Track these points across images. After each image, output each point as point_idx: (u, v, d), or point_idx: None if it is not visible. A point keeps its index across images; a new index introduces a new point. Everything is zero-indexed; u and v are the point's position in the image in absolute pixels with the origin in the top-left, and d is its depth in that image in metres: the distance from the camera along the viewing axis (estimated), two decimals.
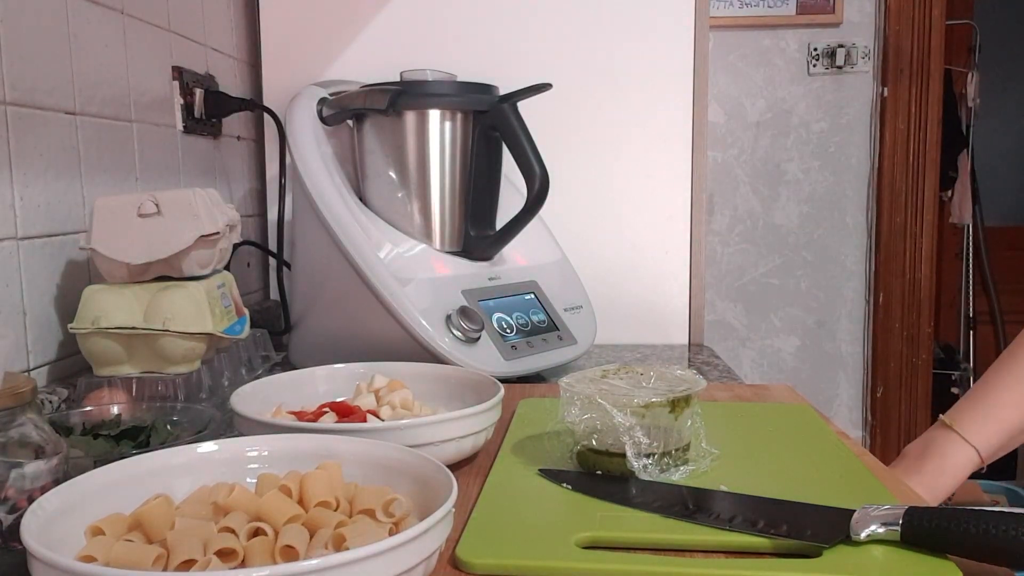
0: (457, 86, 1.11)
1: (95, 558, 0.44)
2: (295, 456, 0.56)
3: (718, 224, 2.59)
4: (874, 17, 2.51)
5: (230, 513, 0.47)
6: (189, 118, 1.19)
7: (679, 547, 0.54)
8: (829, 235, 2.58)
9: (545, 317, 1.12)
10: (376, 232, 1.06)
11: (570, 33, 1.34)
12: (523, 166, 1.07)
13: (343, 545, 0.44)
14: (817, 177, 2.57)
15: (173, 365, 0.87)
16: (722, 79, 2.52)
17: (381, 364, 0.83)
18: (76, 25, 0.93)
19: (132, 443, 0.70)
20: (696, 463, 0.67)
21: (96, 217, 0.85)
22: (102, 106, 0.98)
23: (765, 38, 2.51)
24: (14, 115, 0.82)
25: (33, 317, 0.85)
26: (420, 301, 1.00)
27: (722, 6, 2.47)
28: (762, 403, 0.88)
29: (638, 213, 1.36)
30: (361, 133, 1.12)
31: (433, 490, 0.50)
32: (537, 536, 0.55)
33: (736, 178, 2.57)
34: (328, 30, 1.36)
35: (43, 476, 0.52)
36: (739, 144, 2.56)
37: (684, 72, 1.34)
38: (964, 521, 0.50)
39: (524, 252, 1.19)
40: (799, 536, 0.53)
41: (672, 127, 1.35)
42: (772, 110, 2.54)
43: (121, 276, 0.87)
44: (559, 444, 0.70)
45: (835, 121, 2.55)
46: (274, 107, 1.27)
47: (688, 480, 0.65)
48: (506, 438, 0.77)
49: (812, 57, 2.51)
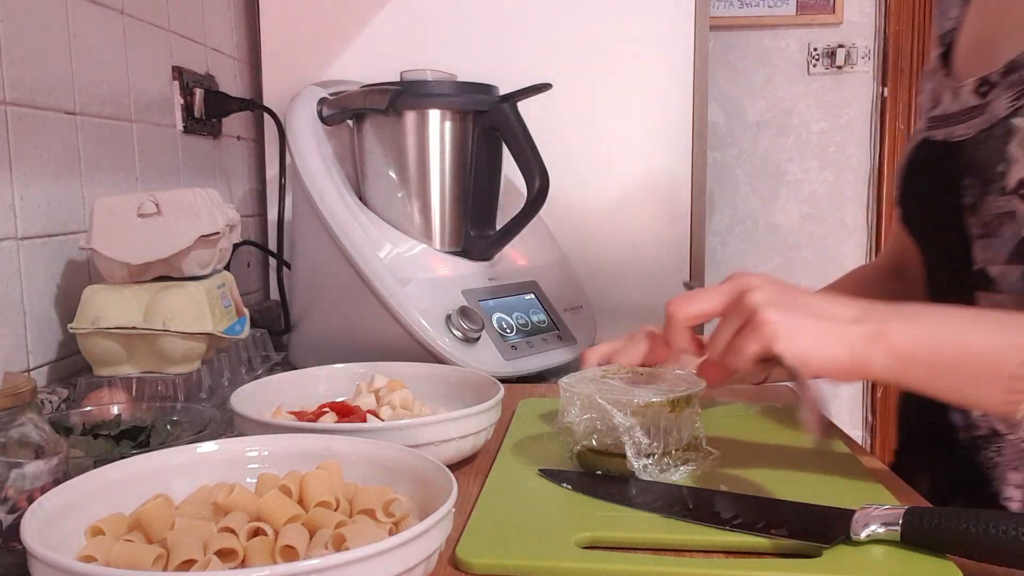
0: (457, 86, 1.11)
1: (95, 558, 0.44)
2: (295, 456, 0.56)
3: (718, 224, 2.59)
4: (874, 17, 2.51)
5: (230, 513, 0.47)
6: (189, 118, 1.19)
7: (679, 547, 0.54)
8: (829, 235, 2.58)
9: (545, 317, 1.12)
10: (376, 232, 1.06)
11: (570, 33, 1.34)
12: (523, 166, 1.07)
13: (343, 545, 0.44)
14: (817, 177, 2.57)
15: (173, 365, 0.87)
16: (722, 79, 2.52)
17: (381, 364, 0.83)
18: (76, 25, 0.93)
19: (132, 443, 0.70)
20: (696, 463, 0.67)
21: (96, 217, 0.85)
22: (102, 106, 0.98)
23: (765, 38, 2.52)
24: (14, 115, 0.82)
25: (33, 317, 0.85)
26: (420, 301, 1.00)
27: (722, 6, 2.47)
28: (762, 403, 0.88)
29: (638, 213, 1.36)
30: (361, 133, 1.12)
31: (433, 490, 0.50)
32: (537, 536, 0.55)
33: (736, 178, 2.58)
34: (328, 30, 1.36)
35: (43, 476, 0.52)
36: (739, 144, 2.56)
37: (684, 72, 1.34)
38: (964, 521, 0.49)
39: (524, 252, 1.19)
40: (799, 536, 0.53)
41: (672, 127, 1.35)
42: (772, 110, 2.54)
43: (121, 276, 0.87)
44: (559, 444, 0.70)
45: (835, 121, 2.55)
46: (274, 107, 1.27)
47: (688, 480, 0.65)
48: (506, 438, 0.77)
49: (812, 57, 2.51)
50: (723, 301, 0.59)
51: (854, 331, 0.56)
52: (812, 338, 0.55)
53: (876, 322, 0.56)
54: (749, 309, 0.57)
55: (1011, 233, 0.66)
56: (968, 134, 0.69)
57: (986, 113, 0.67)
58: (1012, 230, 0.66)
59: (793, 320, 0.56)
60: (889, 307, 0.58)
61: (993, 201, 0.66)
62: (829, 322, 0.56)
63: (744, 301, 0.57)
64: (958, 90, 0.72)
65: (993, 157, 0.66)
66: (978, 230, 0.69)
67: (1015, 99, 0.64)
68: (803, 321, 0.56)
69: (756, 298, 0.56)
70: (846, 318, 0.57)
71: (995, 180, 0.66)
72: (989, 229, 0.68)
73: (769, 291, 0.57)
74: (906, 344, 0.56)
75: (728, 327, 0.58)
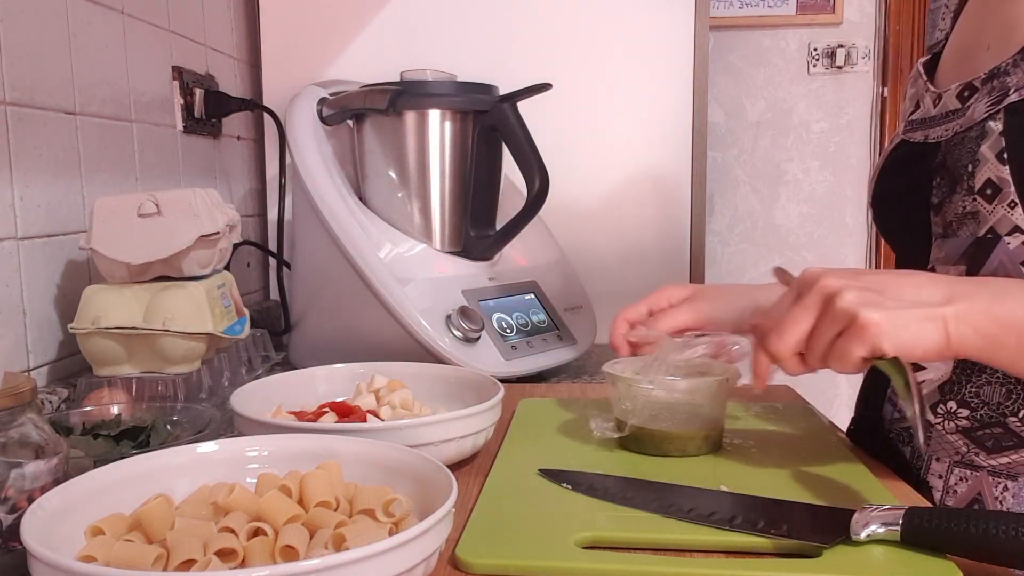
0: (457, 86, 1.11)
1: (95, 558, 0.44)
2: (295, 456, 0.56)
3: (718, 224, 2.59)
4: (874, 17, 2.51)
5: (230, 513, 0.47)
6: (189, 118, 1.19)
7: (679, 547, 0.54)
8: (829, 235, 2.58)
9: (545, 317, 1.12)
10: (376, 232, 1.06)
11: (570, 33, 1.34)
12: (523, 166, 1.07)
13: (343, 545, 0.44)
14: (817, 177, 2.57)
15: (173, 365, 0.87)
16: (722, 79, 2.52)
17: (381, 364, 0.83)
18: (76, 25, 0.93)
19: (132, 443, 0.70)
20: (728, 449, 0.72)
21: (96, 217, 0.85)
22: (102, 106, 0.98)
23: (765, 38, 2.52)
24: (14, 115, 0.82)
25: (33, 317, 0.85)
26: (420, 301, 1.00)
27: (722, 6, 2.47)
28: (762, 403, 0.88)
29: (638, 213, 1.36)
30: (361, 133, 1.12)
31: (433, 490, 0.50)
32: (537, 536, 0.55)
33: (736, 178, 2.58)
34: (328, 30, 1.36)
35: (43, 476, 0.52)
36: (739, 144, 2.56)
37: (684, 72, 1.34)
38: (964, 521, 0.49)
39: (524, 252, 1.19)
40: (799, 536, 0.53)
41: (672, 127, 1.35)
42: (772, 110, 2.54)
43: (121, 276, 0.87)
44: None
45: (835, 121, 2.55)
46: (274, 107, 1.27)
47: (688, 480, 0.65)
48: (506, 438, 0.77)
49: (812, 57, 2.51)
50: (814, 315, 0.58)
51: (948, 312, 0.56)
52: (913, 328, 0.55)
53: (966, 300, 0.56)
54: (847, 314, 0.56)
55: (969, 234, 0.67)
56: (945, 136, 0.71)
57: (964, 116, 0.69)
58: (971, 230, 0.67)
59: (894, 315, 0.55)
60: (975, 283, 0.58)
61: (959, 201, 0.68)
62: (924, 308, 0.56)
63: (836, 307, 0.57)
64: (941, 95, 0.73)
65: (965, 157, 0.67)
66: (939, 229, 0.71)
67: (993, 104, 0.66)
68: (901, 313, 0.56)
69: (848, 300, 0.56)
70: (937, 300, 0.56)
71: (963, 180, 0.67)
72: (950, 229, 0.69)
73: (855, 289, 0.57)
74: (995, 322, 0.55)
75: (826, 334, 0.58)
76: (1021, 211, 0.63)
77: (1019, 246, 0.64)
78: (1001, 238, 0.65)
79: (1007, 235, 0.64)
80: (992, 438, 0.66)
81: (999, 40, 0.69)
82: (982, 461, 0.67)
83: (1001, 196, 0.64)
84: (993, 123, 0.65)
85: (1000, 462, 0.66)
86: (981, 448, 0.66)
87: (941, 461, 0.69)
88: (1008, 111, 0.64)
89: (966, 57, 0.74)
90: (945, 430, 0.68)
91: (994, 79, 0.67)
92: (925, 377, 0.69)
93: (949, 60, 0.77)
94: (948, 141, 0.70)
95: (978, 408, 0.66)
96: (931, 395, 0.69)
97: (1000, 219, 0.64)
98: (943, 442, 0.68)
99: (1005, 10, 0.69)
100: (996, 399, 0.65)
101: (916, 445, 0.71)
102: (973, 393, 0.67)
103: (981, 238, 0.66)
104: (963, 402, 0.67)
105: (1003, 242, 0.65)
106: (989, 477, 0.66)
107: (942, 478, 0.69)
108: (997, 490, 0.66)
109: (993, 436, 0.66)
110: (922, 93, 0.77)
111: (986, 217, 0.65)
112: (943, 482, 0.69)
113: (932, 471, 0.70)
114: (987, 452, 0.66)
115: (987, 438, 0.66)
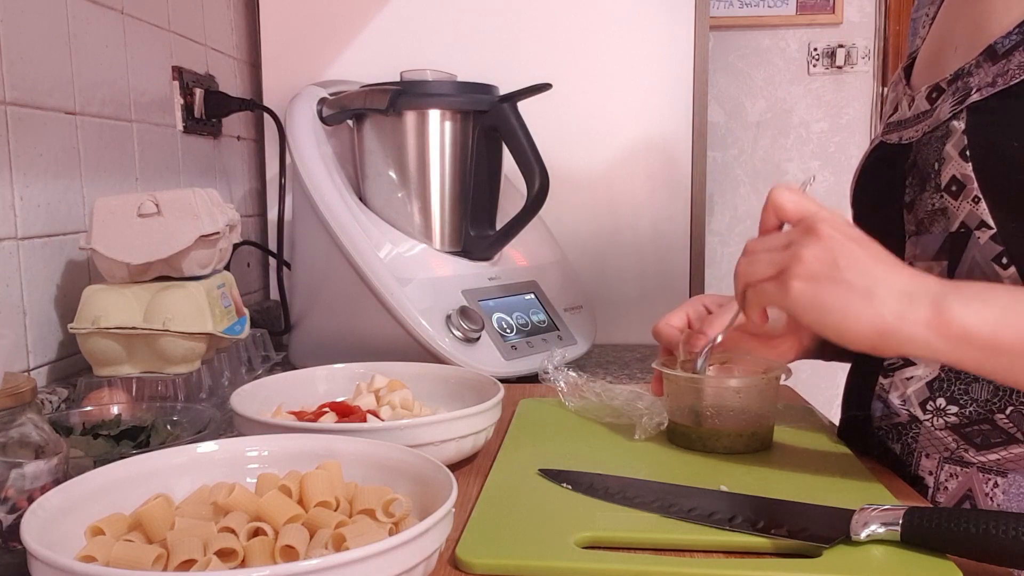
0: (457, 86, 1.11)
1: (95, 558, 0.44)
2: (295, 456, 0.56)
3: (718, 224, 2.58)
4: (874, 17, 2.51)
5: (230, 513, 0.47)
6: (189, 118, 1.19)
7: (679, 547, 0.54)
8: None
9: (545, 317, 1.12)
10: (376, 232, 1.06)
11: (570, 33, 1.34)
12: (523, 166, 1.07)
13: (343, 545, 0.44)
14: (817, 177, 2.57)
15: (173, 365, 0.87)
16: (722, 79, 2.52)
17: (381, 364, 0.83)
18: (76, 25, 0.93)
19: (132, 443, 0.70)
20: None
21: (96, 217, 0.85)
22: (102, 106, 0.98)
23: (765, 38, 2.51)
24: (14, 115, 0.82)
25: (33, 317, 0.85)
26: (420, 301, 1.00)
27: (722, 6, 2.47)
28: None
29: (638, 213, 1.36)
30: (361, 133, 1.12)
31: (433, 490, 0.50)
32: (537, 536, 0.55)
33: (736, 178, 2.57)
34: (328, 30, 1.36)
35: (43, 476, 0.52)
36: (739, 144, 2.56)
37: (684, 72, 1.34)
38: (964, 521, 0.50)
39: (524, 252, 1.19)
40: (799, 536, 0.53)
41: (672, 127, 1.35)
42: (772, 110, 2.54)
43: (121, 276, 0.87)
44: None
45: (835, 121, 2.55)
46: (274, 107, 1.27)
47: (688, 480, 0.65)
48: (506, 438, 0.77)
49: (812, 57, 2.51)
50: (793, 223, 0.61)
51: (890, 307, 0.55)
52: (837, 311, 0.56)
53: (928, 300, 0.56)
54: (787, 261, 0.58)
55: (941, 230, 0.68)
56: (915, 136, 0.72)
57: (932, 116, 0.71)
58: (942, 227, 0.68)
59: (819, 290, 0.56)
60: (947, 284, 0.57)
61: (928, 198, 0.69)
62: (863, 296, 0.56)
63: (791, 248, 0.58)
64: (914, 97, 0.75)
65: (932, 156, 0.69)
66: (912, 227, 0.72)
67: (957, 103, 0.67)
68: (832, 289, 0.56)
69: (801, 255, 0.57)
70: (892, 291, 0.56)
71: (931, 178, 0.69)
72: (922, 226, 0.71)
73: (818, 251, 0.57)
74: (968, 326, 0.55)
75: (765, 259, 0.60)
76: (985, 206, 0.65)
77: (988, 241, 0.65)
78: (972, 232, 0.66)
79: (976, 230, 0.66)
80: (981, 435, 0.66)
81: (967, 41, 0.71)
82: (971, 457, 0.67)
83: (965, 192, 0.66)
84: (956, 122, 0.66)
85: (989, 458, 0.66)
86: (970, 444, 0.67)
87: (931, 458, 0.69)
88: (970, 110, 0.66)
89: (937, 59, 0.75)
90: (934, 427, 0.68)
91: (959, 80, 0.69)
92: (914, 374, 0.70)
93: (923, 62, 0.79)
94: (918, 141, 0.72)
95: (967, 405, 0.67)
96: (920, 392, 0.69)
97: (967, 214, 0.66)
98: (932, 438, 0.69)
99: (974, 11, 0.71)
100: (984, 396, 0.66)
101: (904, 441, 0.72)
102: (962, 390, 0.67)
103: (954, 233, 0.67)
104: (952, 399, 0.67)
105: (974, 236, 0.66)
106: (979, 473, 0.67)
107: (932, 474, 0.69)
108: (987, 486, 0.66)
109: (982, 433, 0.66)
110: (900, 96, 0.79)
111: (954, 213, 0.67)
112: (934, 478, 0.69)
113: (922, 468, 0.70)
114: (976, 448, 0.67)
115: (976, 435, 0.66)
